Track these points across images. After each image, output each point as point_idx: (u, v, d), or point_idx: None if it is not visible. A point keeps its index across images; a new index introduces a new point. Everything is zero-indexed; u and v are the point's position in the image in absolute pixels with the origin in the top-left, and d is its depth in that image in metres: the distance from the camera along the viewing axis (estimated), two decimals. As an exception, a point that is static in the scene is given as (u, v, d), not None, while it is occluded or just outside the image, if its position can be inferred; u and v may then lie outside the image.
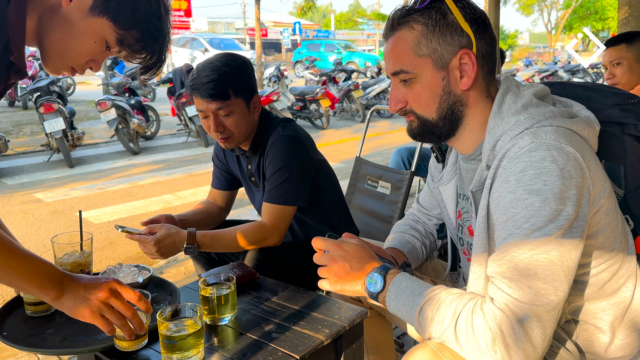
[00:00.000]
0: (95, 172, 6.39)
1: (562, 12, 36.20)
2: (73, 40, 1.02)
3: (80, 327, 1.21)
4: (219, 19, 49.48)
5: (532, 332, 0.91)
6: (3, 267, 0.97)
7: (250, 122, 1.77)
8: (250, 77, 1.76)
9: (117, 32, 1.04)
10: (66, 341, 1.17)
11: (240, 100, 1.71)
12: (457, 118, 1.12)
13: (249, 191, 2.00)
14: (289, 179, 1.72)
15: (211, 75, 1.66)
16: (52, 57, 1.04)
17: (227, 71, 1.67)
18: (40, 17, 1.00)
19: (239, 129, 1.73)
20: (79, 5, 1.00)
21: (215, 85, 1.65)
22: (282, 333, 1.20)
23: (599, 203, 1.03)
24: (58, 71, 1.06)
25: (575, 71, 15.24)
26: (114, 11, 1.02)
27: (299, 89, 9.93)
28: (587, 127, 1.07)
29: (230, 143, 1.76)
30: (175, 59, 19.43)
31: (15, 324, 1.24)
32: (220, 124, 1.70)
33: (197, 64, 1.75)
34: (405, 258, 1.41)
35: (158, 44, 1.09)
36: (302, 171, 1.76)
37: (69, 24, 1.01)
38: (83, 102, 12.40)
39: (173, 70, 8.49)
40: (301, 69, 21.21)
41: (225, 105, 1.68)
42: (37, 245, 3.85)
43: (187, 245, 1.62)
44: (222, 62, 1.69)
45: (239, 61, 1.73)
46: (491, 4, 2.59)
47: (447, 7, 1.06)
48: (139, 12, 1.04)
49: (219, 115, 1.69)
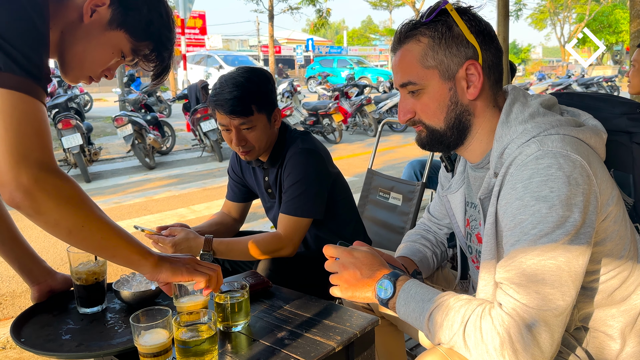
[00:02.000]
0: (111, 186, 6.49)
1: (575, 26, 36.09)
2: (93, 51, 1.11)
3: (95, 333, 1.24)
4: (234, 36, 50.21)
5: (540, 337, 0.92)
6: (112, 238, 1.06)
7: (271, 135, 1.80)
8: (272, 91, 1.79)
9: (133, 43, 1.13)
10: (82, 346, 1.20)
11: (262, 116, 1.74)
12: (465, 127, 1.14)
13: (265, 203, 2.03)
14: (306, 191, 1.75)
15: (234, 92, 1.68)
16: (73, 68, 1.12)
17: (249, 87, 1.70)
18: (63, 31, 1.08)
19: (260, 143, 1.76)
20: (98, 19, 1.09)
21: (238, 102, 1.68)
22: (294, 340, 1.22)
23: (607, 210, 1.04)
24: (77, 80, 1.15)
25: (589, 84, 15.15)
26: (130, 25, 1.11)
27: (311, 104, 10.02)
28: (594, 135, 1.09)
29: (251, 155, 1.79)
30: (191, 75, 19.71)
31: (33, 331, 1.28)
32: (243, 138, 1.73)
33: (220, 77, 1.78)
34: (416, 267, 1.42)
35: (168, 52, 1.19)
36: (319, 184, 1.79)
37: (89, 37, 1.10)
38: (100, 118, 12.63)
39: (188, 87, 8.64)
40: (314, 84, 21.39)
41: (248, 121, 1.71)
42: (55, 258, 3.91)
43: (203, 252, 1.65)
44: (244, 78, 1.72)
45: (261, 76, 1.76)
46: (500, 17, 2.62)
47: (453, 20, 1.09)
48: (153, 25, 1.13)
49: (241, 130, 1.73)
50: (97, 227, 1.03)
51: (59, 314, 1.37)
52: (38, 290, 1.42)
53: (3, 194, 0.93)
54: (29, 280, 1.42)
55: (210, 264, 1.23)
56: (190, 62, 21.02)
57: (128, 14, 1.10)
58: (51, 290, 1.43)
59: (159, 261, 1.15)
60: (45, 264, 1.46)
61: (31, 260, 1.42)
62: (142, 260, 1.12)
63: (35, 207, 0.94)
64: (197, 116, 7.83)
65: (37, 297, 1.42)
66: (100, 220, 1.04)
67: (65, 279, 1.47)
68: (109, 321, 1.32)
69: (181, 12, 14.35)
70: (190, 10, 14.86)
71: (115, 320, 1.32)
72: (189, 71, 19.18)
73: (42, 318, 1.34)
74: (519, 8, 30.51)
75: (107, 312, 1.37)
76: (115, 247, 1.08)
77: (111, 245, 1.07)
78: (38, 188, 0.93)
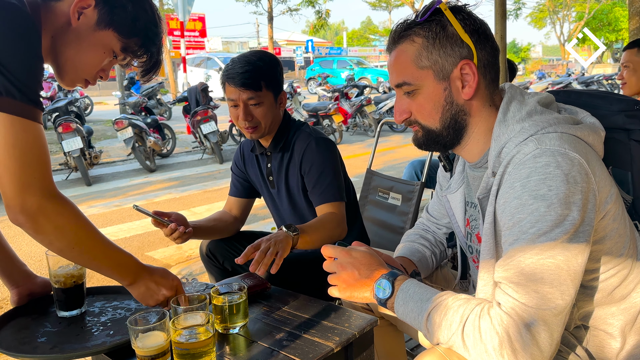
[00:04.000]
0: (112, 189, 6.49)
1: (575, 24, 36.08)
2: (85, 53, 1.14)
3: (71, 336, 1.25)
4: (233, 38, 50.27)
5: (539, 336, 0.91)
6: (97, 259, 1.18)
7: (276, 116, 1.88)
8: (280, 73, 1.88)
9: (122, 41, 1.16)
10: (55, 348, 1.20)
11: (270, 94, 1.82)
12: (461, 127, 1.14)
13: (265, 196, 2.06)
14: (335, 178, 1.84)
15: (246, 67, 1.77)
16: (68, 72, 1.15)
17: (260, 65, 1.79)
18: (53, 36, 1.11)
19: (265, 120, 1.83)
20: (86, 21, 1.11)
21: (249, 75, 1.76)
22: (292, 341, 1.22)
23: (606, 208, 1.03)
24: (73, 84, 1.18)
25: (589, 83, 15.14)
26: (117, 23, 1.14)
27: (311, 105, 10.02)
28: (592, 133, 1.08)
29: (256, 133, 1.85)
30: (191, 78, 19.72)
31: (10, 334, 1.28)
32: (249, 113, 1.80)
33: (232, 58, 1.87)
34: (415, 267, 1.42)
35: (156, 47, 1.22)
36: (341, 171, 1.90)
37: (79, 40, 1.12)
38: (100, 121, 12.64)
39: (188, 89, 8.65)
40: (314, 85, 21.39)
41: (256, 96, 1.79)
42: (56, 261, 3.90)
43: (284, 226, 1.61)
44: (256, 57, 1.82)
45: (271, 58, 1.86)
46: (497, 16, 2.62)
47: (447, 20, 1.08)
48: (140, 20, 1.16)
49: (249, 104, 1.80)
50: (87, 249, 1.15)
51: (37, 317, 1.37)
52: (17, 294, 1.42)
53: (8, 214, 1.05)
54: (9, 284, 1.42)
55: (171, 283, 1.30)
56: (190, 65, 21.02)
57: (114, 12, 1.13)
58: (31, 293, 1.44)
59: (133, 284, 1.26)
60: (26, 268, 1.46)
61: (11, 263, 1.43)
62: (119, 280, 1.25)
63: (35, 228, 1.06)
64: (197, 118, 7.83)
65: (16, 301, 1.42)
66: (91, 242, 1.16)
67: (45, 283, 1.48)
68: (87, 324, 1.32)
69: (180, 15, 14.34)
70: (189, 13, 14.84)
71: (93, 324, 1.32)
72: (189, 74, 19.19)
73: (21, 321, 1.34)
74: (519, 7, 30.54)
75: (85, 315, 1.37)
76: (99, 267, 1.20)
77: (96, 265, 1.19)
78: (40, 213, 1.05)
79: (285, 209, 2.00)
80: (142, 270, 1.26)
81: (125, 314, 1.36)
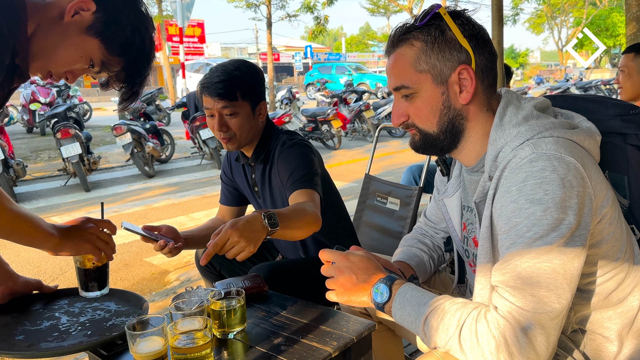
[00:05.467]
0: (110, 195, 6.49)
1: (573, 29, 36.22)
2: (63, 49, 1.12)
3: (49, 335, 1.26)
4: (232, 44, 50.35)
5: (535, 340, 0.91)
6: (21, 232, 1.24)
7: (254, 127, 1.83)
8: (259, 83, 1.83)
9: (105, 56, 1.14)
10: (32, 346, 1.21)
11: (246, 104, 1.78)
12: (458, 131, 1.15)
13: (254, 204, 2.03)
14: (310, 171, 1.71)
15: (222, 77, 1.75)
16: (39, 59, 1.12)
17: (237, 75, 1.76)
18: (40, 24, 1.09)
19: (241, 131, 1.79)
20: (79, 21, 1.10)
21: (224, 85, 1.74)
22: (290, 346, 1.22)
23: (602, 212, 1.04)
24: (36, 72, 1.15)
25: (587, 88, 15.19)
26: (108, 37, 1.12)
27: (310, 111, 10.03)
28: (588, 137, 1.09)
29: (233, 144, 1.82)
30: (189, 83, 19.73)
31: None
32: (224, 123, 1.77)
33: (211, 67, 1.84)
34: (413, 271, 1.42)
35: (139, 79, 1.20)
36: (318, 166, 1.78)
37: (64, 35, 1.11)
38: (99, 127, 12.65)
39: (187, 95, 8.67)
40: (313, 91, 21.41)
41: (231, 106, 1.75)
42: (54, 267, 3.90)
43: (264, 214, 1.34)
44: (233, 67, 1.78)
45: (250, 67, 1.82)
46: (494, 22, 2.64)
47: (446, 24, 1.09)
48: (132, 46, 1.15)
49: (224, 114, 1.77)
50: (7, 220, 1.19)
51: (17, 315, 1.37)
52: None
53: None
54: None
55: (103, 235, 1.41)
56: (189, 71, 21.05)
57: (110, 26, 1.12)
58: (13, 293, 1.45)
59: (60, 240, 1.30)
60: (8, 267, 1.47)
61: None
62: (45, 244, 1.29)
63: None
64: (196, 124, 7.84)
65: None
66: (11, 212, 1.20)
67: (27, 283, 1.49)
68: (65, 323, 1.32)
69: (179, 21, 14.38)
70: (188, 19, 14.89)
71: (72, 323, 1.32)
72: (187, 79, 19.22)
73: (1, 319, 1.35)
74: (516, 13, 30.62)
75: (65, 315, 1.37)
76: (22, 234, 1.25)
77: (20, 232, 1.24)
78: None
79: None
80: (55, 228, 1.30)
81: (105, 315, 1.36)
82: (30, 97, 11.20)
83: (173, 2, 14.58)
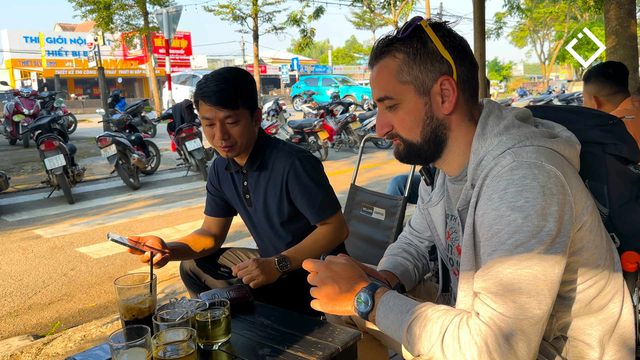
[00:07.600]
0: (95, 207, 6.42)
1: (555, 43, 36.89)
2: None
3: None
4: (219, 56, 50.36)
5: (517, 346, 0.92)
6: None
7: (252, 134, 1.85)
8: (255, 91, 1.85)
9: None
10: None
11: (246, 111, 1.79)
12: (441, 141, 1.16)
13: (242, 214, 2.02)
14: (326, 193, 1.89)
15: (222, 85, 1.73)
16: None
17: (236, 83, 1.76)
18: None
19: (242, 138, 1.79)
20: None
21: (227, 93, 1.73)
22: (275, 356, 1.21)
23: (582, 220, 1.05)
24: None
25: (569, 100, 15.45)
26: None
27: (297, 122, 10.06)
28: (568, 146, 1.11)
29: (233, 152, 1.82)
30: (176, 95, 19.72)
31: None
32: (226, 132, 1.77)
33: (204, 75, 1.83)
34: (399, 280, 1.42)
35: None
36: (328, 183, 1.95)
37: None
38: (84, 139, 12.54)
39: (173, 106, 8.63)
40: (299, 103, 21.51)
41: (234, 114, 1.75)
42: (37, 281, 3.84)
43: (276, 259, 1.74)
44: (231, 74, 1.79)
45: (246, 74, 1.83)
46: (477, 35, 2.69)
47: (428, 36, 1.11)
48: None
49: (226, 123, 1.76)
50: None
51: None
52: None
53: None
54: None
55: None
56: (175, 82, 21.02)
57: None
58: None
59: None
60: None
61: None
62: None
63: None
64: (182, 135, 7.81)
65: None
66: None
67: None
68: None
69: (166, 33, 14.40)
70: (174, 31, 14.90)
71: None
72: (173, 91, 19.20)
73: None
74: (499, 26, 31.15)
75: None
76: None
77: None
78: None
79: (263, 227, 1.97)
80: None
81: None
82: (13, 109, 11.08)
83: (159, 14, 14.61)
